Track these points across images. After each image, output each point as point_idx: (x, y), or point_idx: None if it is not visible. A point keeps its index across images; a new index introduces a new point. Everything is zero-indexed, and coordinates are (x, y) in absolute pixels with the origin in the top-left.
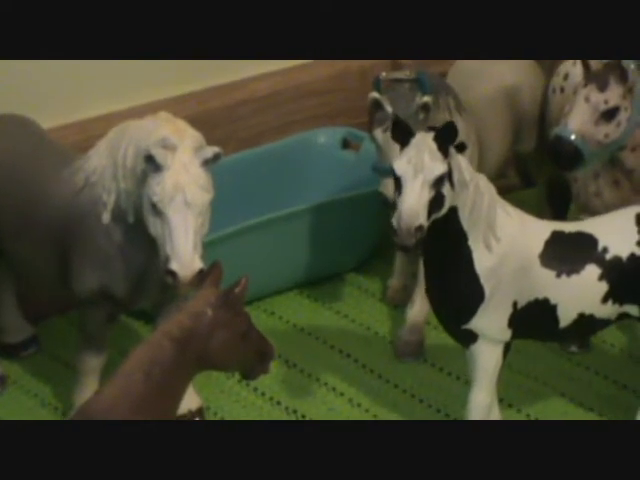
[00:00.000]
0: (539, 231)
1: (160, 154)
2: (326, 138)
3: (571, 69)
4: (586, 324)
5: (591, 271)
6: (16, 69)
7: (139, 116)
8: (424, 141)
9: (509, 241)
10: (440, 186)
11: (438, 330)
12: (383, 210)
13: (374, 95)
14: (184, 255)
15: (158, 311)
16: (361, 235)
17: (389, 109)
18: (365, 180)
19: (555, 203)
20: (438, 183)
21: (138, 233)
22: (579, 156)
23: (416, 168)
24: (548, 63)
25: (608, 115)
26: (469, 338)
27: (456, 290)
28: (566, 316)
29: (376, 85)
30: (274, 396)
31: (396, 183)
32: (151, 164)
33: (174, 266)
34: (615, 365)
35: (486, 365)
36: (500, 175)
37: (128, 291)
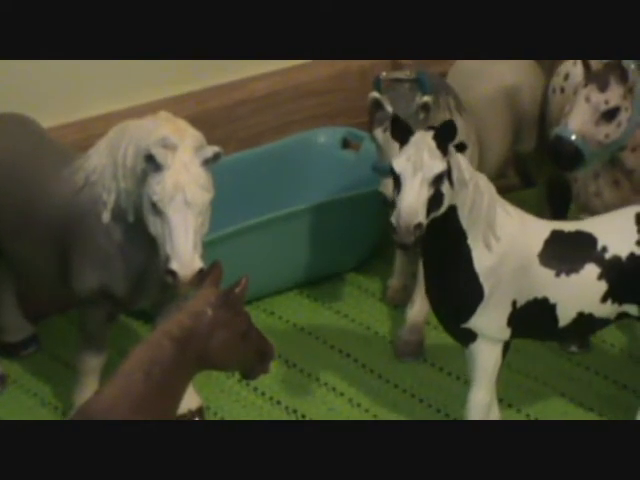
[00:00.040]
0: (539, 230)
1: (160, 153)
2: (326, 138)
3: (571, 69)
4: (585, 323)
5: (590, 270)
6: (16, 68)
7: (139, 116)
8: (423, 139)
9: (509, 240)
10: (439, 184)
11: (438, 330)
12: (383, 210)
13: (374, 95)
14: (184, 255)
15: (158, 311)
16: (361, 235)
17: (389, 109)
18: (365, 180)
19: (555, 203)
20: (437, 181)
21: (138, 232)
22: (579, 156)
23: (415, 166)
24: (548, 63)
25: (608, 115)
26: (468, 337)
27: (455, 289)
28: (565, 315)
29: (376, 85)
30: (274, 396)
31: (395, 181)
32: (151, 163)
33: (174, 266)
34: (615, 365)
35: (485, 364)
36: (500, 175)
37: (128, 290)
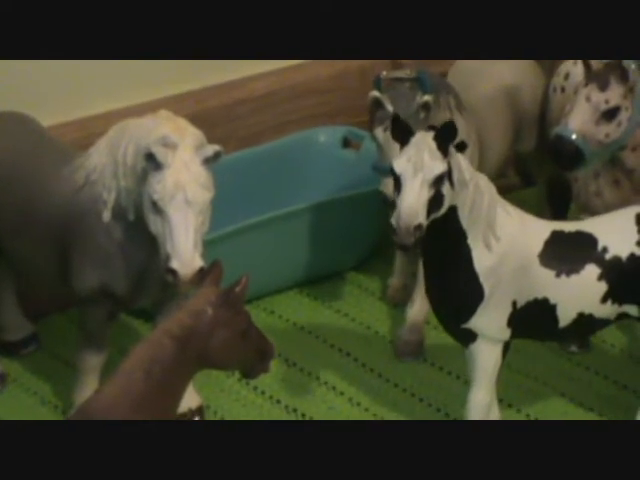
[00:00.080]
0: (539, 230)
1: (161, 152)
2: (326, 137)
3: (572, 69)
4: (585, 324)
5: (591, 271)
6: (16, 67)
7: (139, 115)
8: (424, 140)
9: (509, 240)
10: (440, 185)
11: (438, 330)
12: (383, 209)
13: (375, 94)
14: (184, 253)
15: (158, 309)
16: (361, 234)
17: (390, 108)
18: (365, 179)
19: (555, 203)
20: (438, 182)
21: (138, 231)
22: (580, 156)
23: (416, 167)
24: (548, 62)
25: (609, 115)
26: (468, 337)
27: (455, 289)
28: (565, 316)
29: (377, 84)
30: (274, 395)
31: (395, 182)
32: (151, 162)
33: (174, 264)
34: (615, 365)
35: (485, 364)
36: (500, 174)
37: (128, 289)
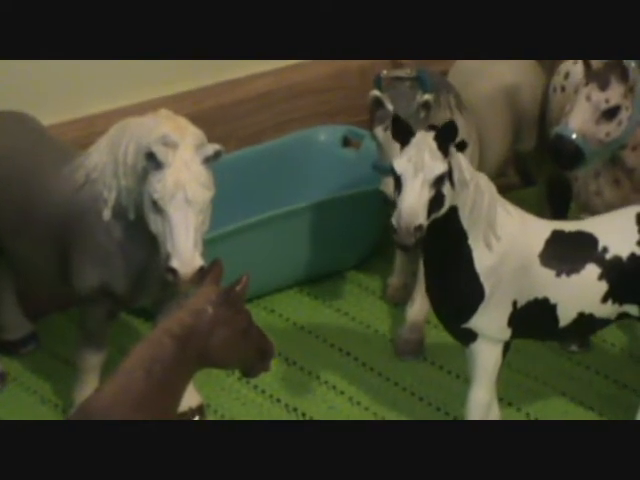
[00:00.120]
0: (539, 230)
1: (161, 151)
2: (326, 136)
3: (572, 68)
4: (586, 323)
5: (591, 270)
6: (16, 66)
7: (139, 114)
8: (424, 140)
9: (509, 240)
10: (440, 185)
11: (438, 329)
12: (383, 208)
13: (375, 93)
14: (185, 253)
15: (158, 308)
16: (361, 233)
17: (390, 107)
18: (365, 178)
19: (555, 202)
20: (438, 182)
21: (138, 230)
22: (580, 155)
23: (416, 167)
24: (549, 62)
25: (609, 114)
26: (469, 337)
27: (456, 289)
28: (566, 315)
29: (377, 83)
30: (274, 394)
31: (396, 182)
32: (152, 161)
33: (175, 263)
34: (615, 365)
35: (486, 364)
36: (500, 174)
37: (128, 288)
